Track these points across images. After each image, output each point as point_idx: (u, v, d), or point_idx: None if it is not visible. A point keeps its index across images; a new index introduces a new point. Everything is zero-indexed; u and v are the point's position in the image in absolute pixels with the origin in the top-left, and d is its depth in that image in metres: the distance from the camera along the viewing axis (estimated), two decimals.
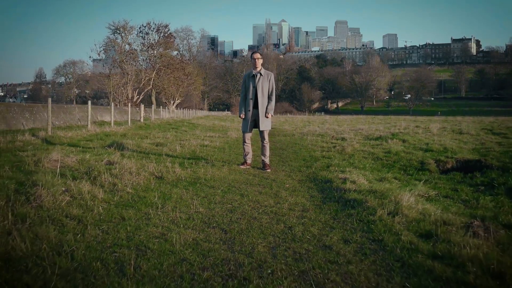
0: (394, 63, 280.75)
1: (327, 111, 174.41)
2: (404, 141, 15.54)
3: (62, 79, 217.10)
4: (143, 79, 41.72)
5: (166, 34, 51.29)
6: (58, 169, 6.15)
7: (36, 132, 13.78)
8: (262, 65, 8.78)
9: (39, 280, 2.95)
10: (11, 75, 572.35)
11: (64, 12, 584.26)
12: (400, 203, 5.12)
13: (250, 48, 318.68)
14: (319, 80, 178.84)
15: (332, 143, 15.23)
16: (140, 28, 49.34)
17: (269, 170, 8.43)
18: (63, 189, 4.97)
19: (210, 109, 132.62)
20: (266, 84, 8.50)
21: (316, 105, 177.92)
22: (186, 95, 66.28)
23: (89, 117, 18.05)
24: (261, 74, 8.54)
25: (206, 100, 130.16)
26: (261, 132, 8.84)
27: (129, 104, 26.26)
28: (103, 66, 46.83)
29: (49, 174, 5.81)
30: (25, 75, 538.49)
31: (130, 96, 36.34)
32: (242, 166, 8.70)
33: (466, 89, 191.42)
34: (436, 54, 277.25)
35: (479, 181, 8.29)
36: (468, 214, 5.17)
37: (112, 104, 22.58)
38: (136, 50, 45.53)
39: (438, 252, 3.72)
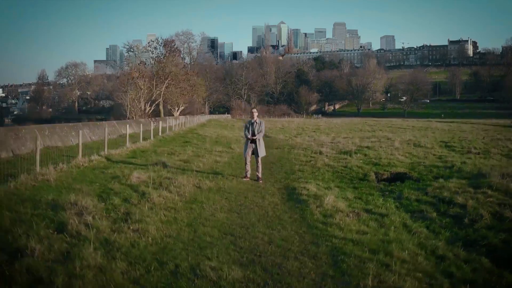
0: (391, 64, 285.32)
1: (324, 113, 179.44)
2: (365, 155, 20.73)
3: (64, 81, 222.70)
4: (154, 93, 47.22)
5: (172, 49, 56.73)
6: (148, 183, 11.36)
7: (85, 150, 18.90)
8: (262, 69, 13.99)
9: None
10: (11, 75, 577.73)
11: (65, 12, 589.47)
12: (324, 201, 10.31)
13: (250, 50, 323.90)
14: (316, 83, 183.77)
15: (311, 156, 20.38)
16: (149, 43, 54.74)
17: (261, 182, 13.59)
18: (158, 195, 10.13)
19: (210, 112, 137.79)
20: (258, 127, 13.66)
21: (313, 107, 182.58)
22: (190, 102, 71.55)
23: (128, 138, 22.93)
24: (256, 122, 13.71)
25: (207, 104, 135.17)
26: (257, 157, 13.96)
27: (151, 121, 31.38)
28: (106, 66, 52.30)
29: (141, 186, 11.01)
30: (26, 75, 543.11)
31: (143, 108, 41.56)
32: (244, 179, 13.85)
33: (461, 91, 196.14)
34: (433, 55, 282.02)
35: (390, 189, 13.42)
36: (360, 207, 10.33)
37: (141, 121, 27.75)
38: (145, 63, 50.71)
39: (328, 221, 8.90)
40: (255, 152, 13.85)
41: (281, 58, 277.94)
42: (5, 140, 16.57)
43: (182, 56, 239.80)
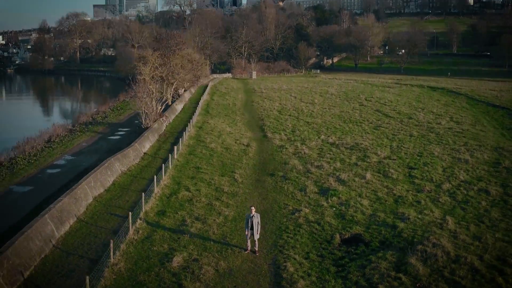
0: (391, 12, 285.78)
1: (323, 68, 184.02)
2: (334, 208, 26.97)
3: (65, 30, 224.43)
4: (164, 92, 53.05)
5: (177, 41, 62.10)
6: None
7: None
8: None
9: None
10: (10, 21, 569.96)
11: None
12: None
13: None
14: (315, 38, 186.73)
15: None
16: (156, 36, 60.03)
17: (257, 252, 19.89)
18: None
19: (212, 71, 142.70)
20: (256, 220, 19.79)
21: (312, 61, 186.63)
22: (194, 76, 76.95)
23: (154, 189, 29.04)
24: (254, 216, 19.81)
25: (209, 63, 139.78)
26: (254, 237, 20.09)
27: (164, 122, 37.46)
28: (105, 11, 58.17)
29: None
30: (26, 23, 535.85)
31: (155, 108, 47.32)
32: (245, 252, 20.11)
33: (458, 45, 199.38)
34: (433, 3, 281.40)
35: (336, 243, 19.71)
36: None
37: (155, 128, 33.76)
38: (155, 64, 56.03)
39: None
40: (253, 234, 20.04)
41: (281, 3, 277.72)
42: (70, 209, 22.75)
43: (182, 8, 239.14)
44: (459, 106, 66.30)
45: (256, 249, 20.11)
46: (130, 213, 21.35)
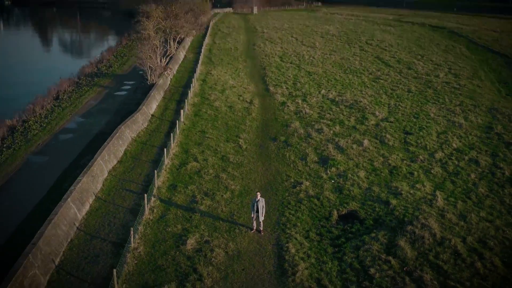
0: None
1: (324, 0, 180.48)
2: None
3: None
4: (169, 46, 53.76)
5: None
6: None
7: None
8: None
9: None
10: None
11: None
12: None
13: None
14: None
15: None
16: None
17: (262, 232, 21.98)
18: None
19: (214, 6, 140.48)
20: (261, 204, 21.67)
21: None
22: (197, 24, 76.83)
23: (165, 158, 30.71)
24: (259, 201, 21.66)
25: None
26: (259, 218, 22.06)
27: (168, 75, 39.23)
28: None
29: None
30: None
31: (159, 63, 48.21)
32: (251, 231, 22.21)
33: None
34: None
35: (334, 219, 21.83)
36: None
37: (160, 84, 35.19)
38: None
39: None
40: (258, 217, 22.02)
41: None
42: (88, 188, 24.64)
43: None
44: (459, 53, 66.90)
45: (261, 229, 22.15)
46: (145, 195, 23.22)
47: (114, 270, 17.11)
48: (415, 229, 21.71)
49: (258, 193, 21.82)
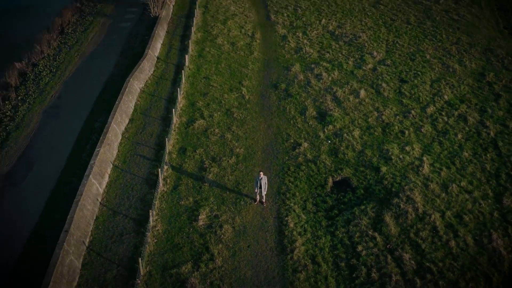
0: None
1: None
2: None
3: None
4: None
5: None
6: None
7: None
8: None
9: None
10: None
11: None
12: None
13: None
14: None
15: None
16: None
17: (264, 203, 24.78)
18: None
19: None
20: (263, 181, 24.13)
21: None
22: None
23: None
24: (262, 178, 24.07)
25: None
26: (262, 193, 24.66)
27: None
28: None
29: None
30: None
31: None
32: (254, 203, 24.97)
33: None
34: None
35: (328, 187, 24.66)
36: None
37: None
38: None
39: None
40: (260, 192, 24.61)
41: None
42: (106, 158, 26.95)
43: None
44: None
45: (264, 201, 24.91)
46: (159, 169, 25.75)
47: (140, 259, 20.09)
48: (400, 202, 24.44)
49: (261, 172, 24.21)
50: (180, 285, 20.30)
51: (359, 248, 22.19)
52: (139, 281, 20.12)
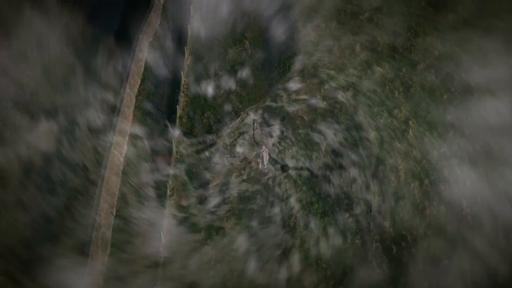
0: None
1: None
2: None
3: None
4: None
5: None
6: None
7: None
8: None
9: None
10: None
11: None
12: None
13: None
14: None
15: None
16: None
17: (266, 171, 28.24)
18: None
19: None
20: (265, 154, 27.41)
21: None
22: None
23: None
24: (264, 151, 27.31)
25: None
26: (263, 162, 27.99)
27: None
28: None
29: None
30: None
31: None
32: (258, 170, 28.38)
33: None
34: None
35: None
36: None
37: None
38: None
39: None
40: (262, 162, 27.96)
41: None
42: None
43: None
44: None
45: (265, 167, 28.36)
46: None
47: (161, 232, 23.94)
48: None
49: (263, 146, 27.44)
50: None
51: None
52: None
